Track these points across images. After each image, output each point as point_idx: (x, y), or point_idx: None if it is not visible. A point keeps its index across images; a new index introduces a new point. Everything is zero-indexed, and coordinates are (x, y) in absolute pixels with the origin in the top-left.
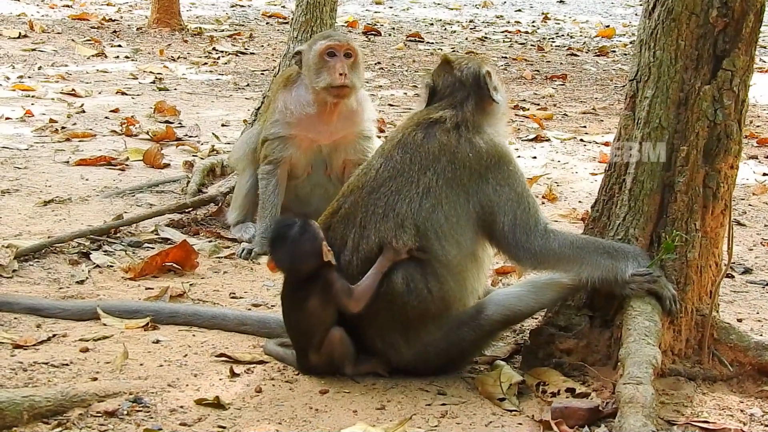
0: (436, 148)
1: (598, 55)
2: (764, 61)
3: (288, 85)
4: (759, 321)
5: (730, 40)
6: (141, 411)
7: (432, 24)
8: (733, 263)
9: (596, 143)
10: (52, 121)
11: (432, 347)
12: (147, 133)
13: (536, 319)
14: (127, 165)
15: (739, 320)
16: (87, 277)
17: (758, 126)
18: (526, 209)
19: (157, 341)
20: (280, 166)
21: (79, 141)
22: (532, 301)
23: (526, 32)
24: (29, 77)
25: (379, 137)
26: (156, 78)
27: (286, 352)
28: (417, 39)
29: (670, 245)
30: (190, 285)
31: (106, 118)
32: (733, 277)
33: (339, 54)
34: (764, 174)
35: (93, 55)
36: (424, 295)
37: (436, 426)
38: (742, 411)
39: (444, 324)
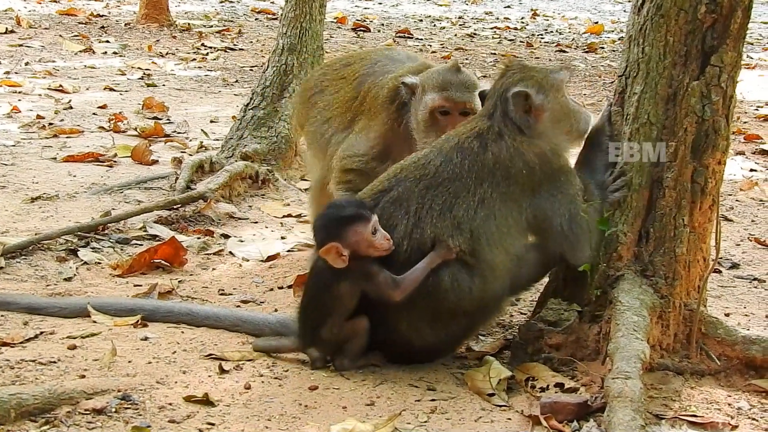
0: (491, 160)
1: (586, 52)
2: (751, 58)
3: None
4: (746, 315)
5: (718, 36)
6: (129, 408)
7: (421, 20)
8: (721, 258)
9: None
10: (39, 117)
11: (457, 334)
12: (135, 129)
13: (525, 314)
14: (115, 161)
15: (727, 315)
16: (75, 274)
17: (745, 122)
18: (577, 207)
19: (146, 338)
20: None
21: (67, 137)
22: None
23: (515, 29)
24: (16, 73)
25: None
26: (144, 74)
27: (279, 340)
28: (406, 35)
29: (604, 221)
30: (179, 282)
31: (94, 114)
32: (720, 272)
33: (454, 113)
34: (751, 170)
35: (80, 51)
36: (464, 294)
37: (425, 421)
38: (729, 404)
39: (472, 318)
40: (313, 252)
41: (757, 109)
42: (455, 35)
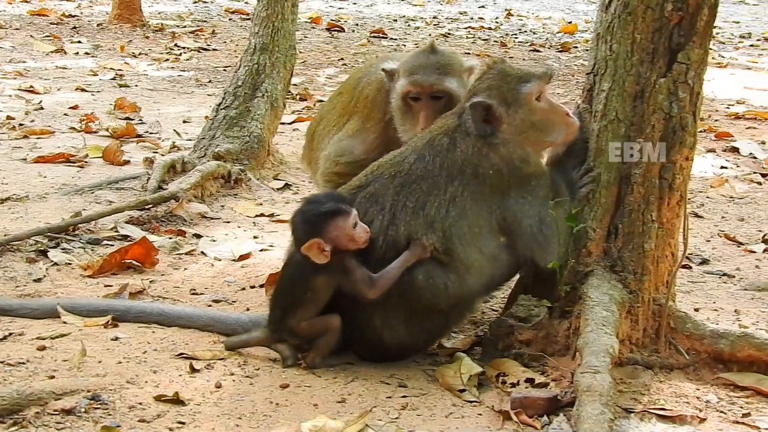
0: (460, 158)
1: (560, 51)
2: (723, 57)
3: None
4: (715, 311)
5: (685, 33)
6: (99, 408)
7: (395, 20)
8: (691, 254)
9: None
10: (9, 117)
11: (430, 331)
12: (107, 129)
13: (496, 311)
14: (86, 162)
15: (696, 310)
16: (44, 275)
17: (716, 120)
18: (548, 210)
19: (116, 338)
20: None
21: (37, 138)
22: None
23: (489, 28)
24: None
25: None
26: (116, 74)
27: (249, 333)
28: (381, 35)
29: (573, 217)
30: (150, 282)
31: (65, 115)
32: (690, 267)
33: (424, 98)
34: (722, 167)
35: (52, 52)
36: (439, 292)
37: (396, 418)
38: (698, 398)
39: (446, 316)
40: (290, 247)
41: (728, 108)
42: (429, 35)
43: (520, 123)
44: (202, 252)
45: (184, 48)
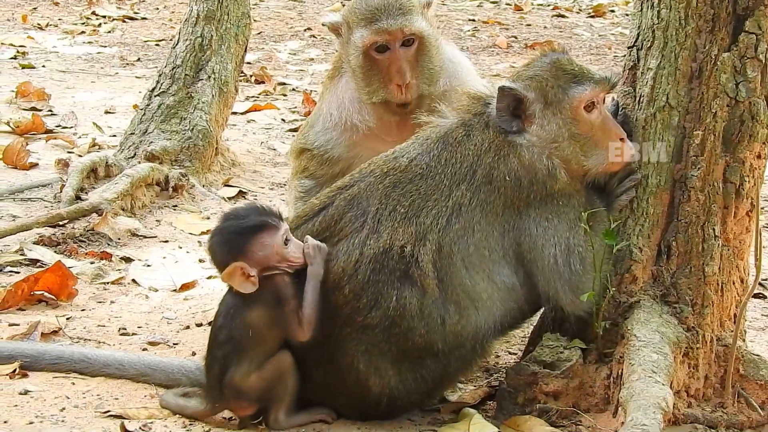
0: (471, 154)
1: (592, 16)
2: None
3: (334, 76)
4: None
5: None
6: None
7: None
8: (766, 280)
9: None
10: None
11: (428, 379)
12: (8, 123)
13: (514, 354)
14: None
15: None
16: None
17: None
18: (579, 237)
19: (26, 392)
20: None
21: None
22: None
23: None
24: None
25: None
26: (18, 52)
27: (187, 401)
28: None
29: (611, 234)
30: (68, 319)
31: None
32: (765, 297)
33: (394, 47)
34: None
35: None
36: (434, 326)
37: None
38: None
39: (446, 360)
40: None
41: None
42: None
43: (555, 130)
44: (134, 280)
45: (104, 17)
